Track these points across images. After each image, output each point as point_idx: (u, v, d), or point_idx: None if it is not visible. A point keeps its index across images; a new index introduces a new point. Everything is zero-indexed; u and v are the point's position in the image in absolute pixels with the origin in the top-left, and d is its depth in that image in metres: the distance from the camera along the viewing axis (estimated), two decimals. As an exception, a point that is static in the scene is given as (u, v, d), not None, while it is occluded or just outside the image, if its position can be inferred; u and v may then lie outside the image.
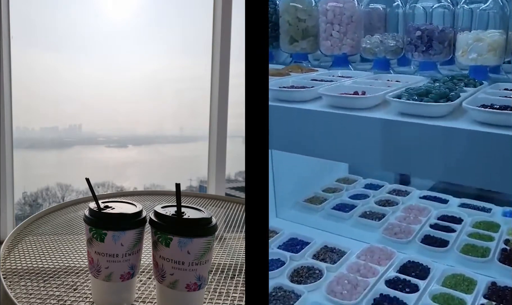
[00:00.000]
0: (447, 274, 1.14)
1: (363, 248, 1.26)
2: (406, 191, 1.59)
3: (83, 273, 0.89)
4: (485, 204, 1.47)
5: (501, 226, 1.33)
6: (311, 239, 1.30)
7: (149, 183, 2.60)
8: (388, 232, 1.33)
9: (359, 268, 1.17)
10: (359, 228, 1.38)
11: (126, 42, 2.38)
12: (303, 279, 1.15)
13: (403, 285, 1.11)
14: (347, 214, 1.44)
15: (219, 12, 2.22)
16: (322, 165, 1.62)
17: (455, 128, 0.78)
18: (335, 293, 1.08)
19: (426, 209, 1.45)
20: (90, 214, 0.73)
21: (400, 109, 0.86)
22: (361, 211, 1.45)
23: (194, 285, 0.70)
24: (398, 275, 1.14)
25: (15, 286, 0.83)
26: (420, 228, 1.34)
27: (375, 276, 1.14)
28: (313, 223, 1.41)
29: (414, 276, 1.13)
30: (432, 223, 1.38)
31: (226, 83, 2.26)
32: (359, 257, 1.22)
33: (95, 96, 2.41)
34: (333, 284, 1.11)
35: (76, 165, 2.57)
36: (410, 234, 1.31)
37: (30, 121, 2.34)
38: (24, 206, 2.40)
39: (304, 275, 1.16)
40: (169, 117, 2.60)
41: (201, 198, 1.52)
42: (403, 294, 1.07)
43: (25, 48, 2.18)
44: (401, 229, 1.33)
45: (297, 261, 1.21)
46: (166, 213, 0.71)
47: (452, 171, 0.79)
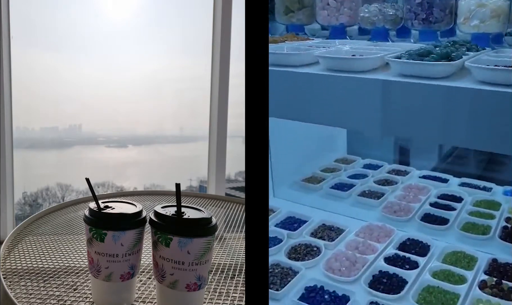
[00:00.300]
0: (447, 251, 1.13)
1: (362, 225, 1.25)
2: (405, 171, 1.58)
3: (83, 273, 0.89)
4: (486, 183, 1.46)
5: (502, 205, 1.33)
6: (308, 218, 1.29)
7: (149, 183, 2.60)
8: (387, 210, 1.32)
9: (357, 245, 1.16)
10: (358, 207, 1.37)
11: (126, 42, 2.38)
12: (300, 256, 1.14)
13: (403, 262, 1.10)
14: (345, 193, 1.43)
15: (219, 12, 2.22)
16: (320, 145, 1.62)
17: (458, 87, 0.74)
18: (333, 269, 1.07)
19: (425, 188, 1.45)
20: (90, 214, 0.73)
21: (401, 70, 0.82)
22: (360, 190, 1.44)
23: (194, 285, 0.70)
24: (398, 252, 1.13)
25: (15, 286, 0.82)
26: (419, 206, 1.33)
27: (374, 253, 1.13)
28: (311, 202, 1.40)
29: (414, 253, 1.13)
30: (432, 201, 1.37)
31: (226, 83, 2.26)
32: (357, 234, 1.21)
33: (95, 96, 2.41)
34: (331, 261, 1.10)
35: (76, 165, 2.57)
36: (410, 212, 1.30)
37: (30, 121, 2.34)
38: (24, 206, 2.40)
39: (301, 253, 1.15)
40: (169, 117, 2.60)
41: (201, 198, 1.52)
42: (403, 270, 1.07)
43: (25, 48, 2.18)
44: (400, 207, 1.33)
45: (295, 239, 1.20)
46: (166, 213, 0.71)
47: (455, 133, 0.75)
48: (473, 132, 0.73)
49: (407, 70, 0.81)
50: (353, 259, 1.10)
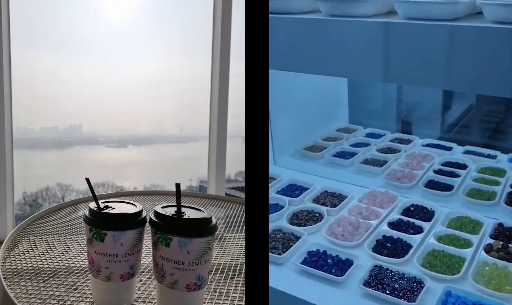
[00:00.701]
0: (452, 216, 1.13)
1: (365, 192, 1.25)
2: (408, 140, 1.57)
3: (83, 273, 0.89)
4: (490, 151, 1.45)
5: (507, 172, 1.32)
6: (310, 185, 1.29)
7: (149, 183, 2.60)
8: (390, 177, 1.31)
9: (360, 211, 1.16)
10: (360, 175, 1.36)
11: (126, 42, 2.38)
12: (302, 222, 1.14)
13: (407, 226, 1.10)
14: (347, 161, 1.42)
15: (219, 12, 2.22)
16: (321, 115, 1.60)
17: (467, 26, 0.69)
18: (335, 234, 1.07)
19: (429, 156, 1.44)
20: (90, 214, 0.73)
21: (407, 12, 0.76)
22: (362, 158, 1.43)
23: (194, 285, 0.70)
24: (402, 218, 1.13)
25: (15, 286, 0.82)
26: (423, 173, 1.33)
27: (378, 218, 1.13)
28: (312, 171, 1.40)
29: (418, 219, 1.12)
30: (436, 169, 1.36)
31: (226, 83, 2.26)
32: (360, 200, 1.21)
33: (95, 96, 2.41)
34: (333, 226, 1.10)
35: (76, 165, 2.57)
36: (413, 179, 1.29)
37: (30, 121, 2.34)
38: (24, 206, 2.40)
39: (303, 219, 1.15)
40: (169, 117, 2.60)
41: (201, 198, 1.52)
42: (407, 235, 1.07)
43: (25, 48, 2.18)
44: (404, 174, 1.32)
45: (296, 205, 1.20)
46: (166, 213, 0.71)
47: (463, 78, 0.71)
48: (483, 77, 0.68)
49: (413, 12, 0.75)
50: (356, 224, 1.10)
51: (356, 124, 1.69)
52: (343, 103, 1.71)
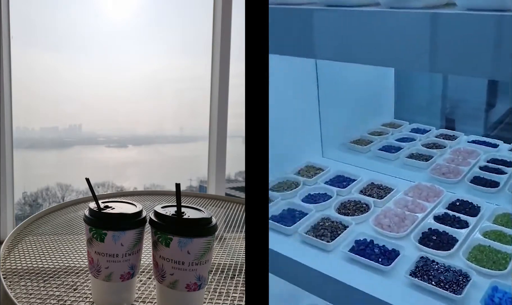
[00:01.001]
0: (497, 213, 1.12)
1: (411, 185, 1.26)
2: (453, 136, 1.56)
3: (83, 273, 0.89)
4: None
5: None
6: (357, 176, 1.32)
7: (149, 183, 2.60)
8: (435, 172, 1.31)
9: (406, 203, 1.17)
10: (405, 169, 1.37)
11: (126, 42, 2.38)
12: (350, 212, 1.16)
13: (452, 221, 1.10)
14: (393, 154, 1.44)
15: (219, 12, 2.22)
16: (368, 109, 1.62)
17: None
18: (382, 225, 1.09)
19: (475, 152, 1.43)
20: (90, 214, 0.73)
21: (467, 4, 0.73)
22: (407, 153, 1.44)
23: (194, 285, 0.70)
24: (447, 212, 1.13)
25: (15, 286, 0.82)
26: (469, 169, 1.32)
27: (423, 211, 1.14)
28: (359, 163, 1.42)
29: (464, 213, 1.13)
30: (481, 165, 1.35)
31: (226, 83, 2.26)
32: (406, 193, 1.22)
33: (95, 96, 2.41)
34: (380, 217, 1.12)
35: (76, 165, 2.57)
36: (459, 175, 1.29)
37: (30, 121, 2.34)
38: (24, 206, 2.40)
39: (351, 209, 1.18)
40: (169, 117, 2.60)
41: (201, 198, 1.52)
42: (453, 229, 1.07)
43: (25, 48, 2.18)
44: (449, 169, 1.32)
45: (344, 196, 1.22)
46: (166, 213, 0.71)
47: None
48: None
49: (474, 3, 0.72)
50: (402, 216, 1.12)
51: (401, 120, 1.71)
52: (389, 98, 1.74)
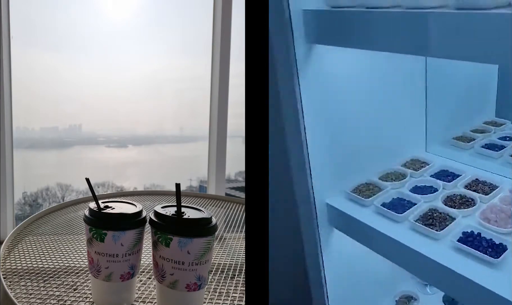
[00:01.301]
0: None
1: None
2: None
3: (83, 273, 0.89)
4: None
5: None
6: (462, 172, 1.33)
7: (149, 183, 2.60)
8: None
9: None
10: (509, 167, 1.38)
11: (126, 42, 2.38)
12: (456, 205, 1.19)
13: None
14: (496, 153, 1.44)
15: (219, 12, 2.22)
16: (470, 107, 1.64)
17: None
18: (489, 219, 1.10)
19: None
20: (90, 214, 0.73)
21: None
22: (511, 152, 1.45)
23: (194, 285, 0.70)
24: None
25: (15, 286, 0.82)
26: None
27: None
28: (461, 159, 1.44)
29: None
30: None
31: (226, 83, 2.26)
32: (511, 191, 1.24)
33: (95, 96, 2.42)
34: (486, 211, 1.13)
35: (76, 165, 2.57)
36: None
37: (30, 121, 2.34)
38: (24, 206, 2.40)
39: (457, 202, 1.20)
40: (169, 117, 2.60)
41: (201, 198, 1.52)
42: None
43: (25, 48, 2.18)
44: None
45: (450, 189, 1.25)
46: (166, 213, 0.71)
47: None
48: None
49: None
50: (509, 213, 1.13)
51: (502, 118, 1.71)
52: (491, 96, 1.75)
